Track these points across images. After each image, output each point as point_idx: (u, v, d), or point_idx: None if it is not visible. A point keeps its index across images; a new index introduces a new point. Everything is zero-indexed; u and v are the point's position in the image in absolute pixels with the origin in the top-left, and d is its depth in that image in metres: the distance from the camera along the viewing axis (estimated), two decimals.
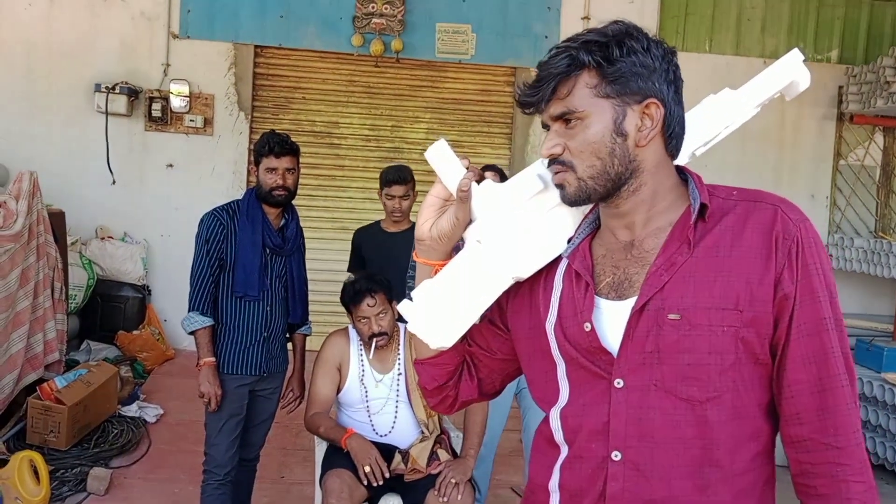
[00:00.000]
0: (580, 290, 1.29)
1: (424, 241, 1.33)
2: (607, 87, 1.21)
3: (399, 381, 3.32)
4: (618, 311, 1.25)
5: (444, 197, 1.32)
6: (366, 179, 6.53)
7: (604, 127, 1.22)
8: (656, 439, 1.21)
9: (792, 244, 1.19)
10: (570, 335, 1.28)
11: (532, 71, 6.57)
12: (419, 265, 1.38)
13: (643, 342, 1.21)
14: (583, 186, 1.24)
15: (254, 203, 3.34)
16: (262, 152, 3.31)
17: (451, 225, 1.30)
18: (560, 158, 1.25)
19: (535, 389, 1.41)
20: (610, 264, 1.30)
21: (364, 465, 3.03)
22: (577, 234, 1.35)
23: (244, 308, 3.31)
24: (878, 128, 6.86)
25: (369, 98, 6.55)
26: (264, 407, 3.49)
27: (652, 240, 1.27)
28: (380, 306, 3.23)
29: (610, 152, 1.23)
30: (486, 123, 6.63)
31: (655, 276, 1.22)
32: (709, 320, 1.18)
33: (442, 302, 1.30)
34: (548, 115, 1.26)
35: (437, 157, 1.31)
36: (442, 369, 1.46)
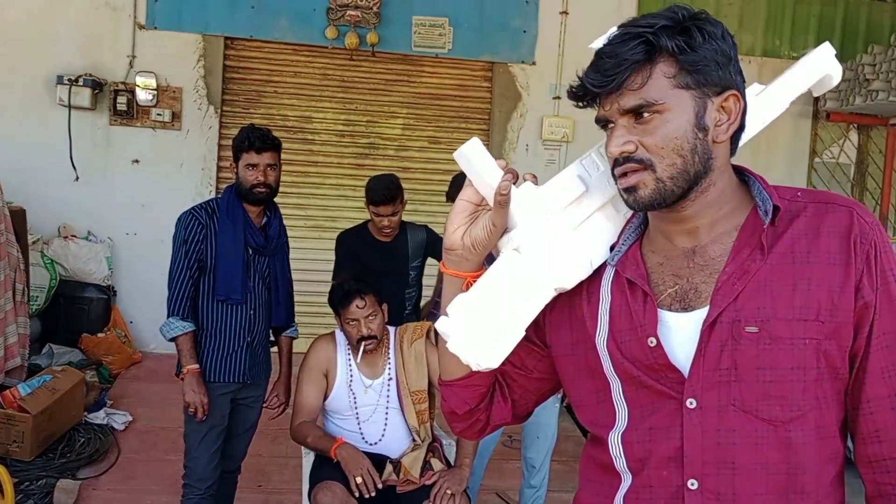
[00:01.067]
0: (637, 302, 1.18)
1: (456, 250, 1.20)
2: (687, 76, 1.10)
3: (389, 387, 3.19)
4: (685, 324, 1.14)
5: (475, 202, 1.19)
6: (340, 176, 6.37)
7: (686, 121, 1.10)
8: (737, 465, 1.11)
9: (870, 249, 1.11)
10: (628, 351, 1.17)
11: (510, 66, 6.52)
12: (447, 278, 1.25)
13: (718, 358, 1.11)
14: (661, 188, 1.12)
15: (234, 201, 3.18)
16: (241, 147, 3.15)
17: (488, 232, 1.18)
18: (635, 156, 1.11)
19: (585, 412, 1.29)
20: (670, 273, 1.19)
21: (356, 475, 2.89)
22: (621, 240, 1.24)
23: (226, 312, 3.14)
24: (852, 125, 6.88)
25: (344, 92, 6.38)
26: (247, 416, 3.33)
27: (718, 246, 1.17)
28: (369, 308, 3.10)
29: (692, 149, 1.11)
30: (464, 119, 6.51)
31: (728, 285, 1.12)
32: (790, 333, 1.08)
33: (481, 317, 1.16)
34: (615, 109, 1.11)
35: (470, 157, 1.18)
36: (473, 391, 1.33)
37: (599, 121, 1.16)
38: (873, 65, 5.80)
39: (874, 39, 6.63)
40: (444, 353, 1.27)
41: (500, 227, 1.17)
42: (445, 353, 1.25)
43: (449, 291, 1.25)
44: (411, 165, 6.39)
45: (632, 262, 1.21)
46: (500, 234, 1.19)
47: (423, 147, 6.47)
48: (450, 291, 1.24)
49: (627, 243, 1.23)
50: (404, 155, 6.46)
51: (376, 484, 2.90)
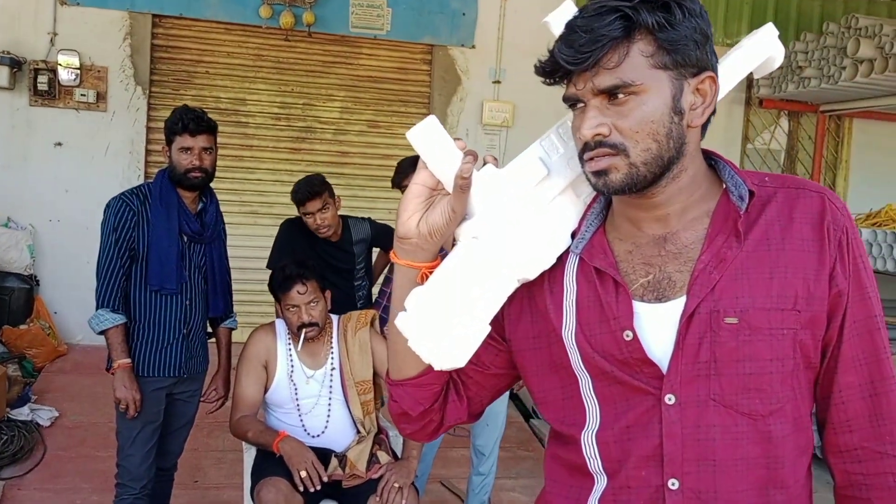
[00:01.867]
0: (608, 293, 1.12)
1: (410, 238, 1.11)
2: (665, 56, 1.03)
3: (332, 377, 3.10)
4: (660, 315, 1.09)
5: (431, 186, 1.11)
6: (276, 161, 6.20)
7: (663, 103, 1.04)
8: (717, 462, 1.07)
9: (842, 235, 1.09)
10: (600, 345, 1.11)
11: (450, 49, 6.42)
12: (399, 269, 1.16)
13: (696, 350, 1.06)
14: (634, 174, 1.06)
15: (167, 186, 3.03)
16: (174, 130, 2.99)
17: (446, 219, 1.09)
18: (607, 140, 1.05)
19: (550, 409, 1.22)
20: (640, 262, 1.13)
21: (300, 469, 2.79)
22: (583, 226, 1.18)
23: (160, 303, 2.99)
24: (783, 112, 7.01)
25: (279, 74, 6.20)
26: (183, 411, 3.19)
27: (690, 233, 1.12)
28: (311, 294, 3.00)
29: (667, 134, 1.05)
30: (403, 103, 6.39)
31: (704, 274, 1.07)
32: (769, 323, 1.05)
33: (442, 313, 1.08)
34: (588, 88, 1.04)
35: (425, 137, 1.09)
36: (427, 390, 1.23)
37: (569, 99, 1.09)
38: (806, 52, 5.90)
39: (805, 27, 6.75)
40: (395, 351, 1.20)
41: (459, 213, 1.09)
42: (397, 350, 1.19)
43: (402, 284, 1.16)
44: (350, 150, 6.26)
45: (598, 250, 1.15)
46: (458, 221, 1.11)
47: (361, 131, 6.34)
48: (402, 284, 1.16)
49: (591, 230, 1.17)
50: (342, 139, 6.31)
51: (321, 477, 2.80)
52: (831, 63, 5.62)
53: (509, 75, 6.31)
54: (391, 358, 1.23)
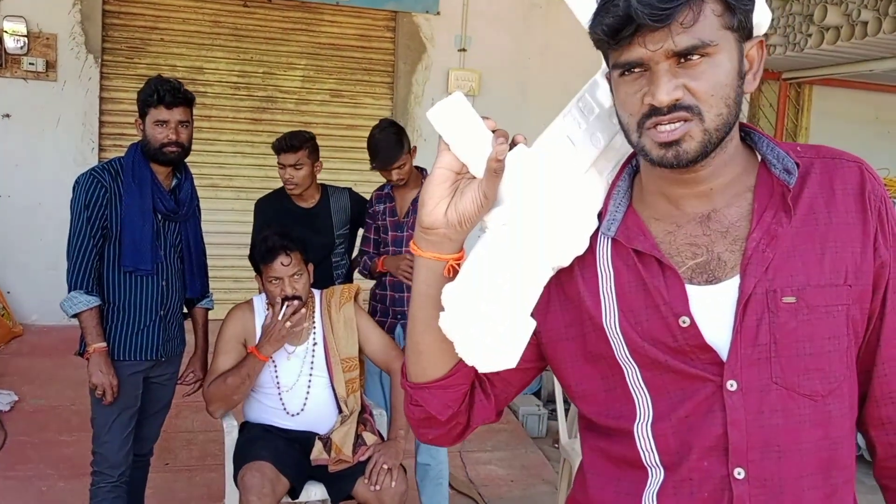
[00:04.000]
0: (655, 276, 1.06)
1: (438, 229, 1.04)
2: (732, 16, 0.98)
3: (314, 353, 3.02)
4: (714, 298, 1.04)
5: (457, 170, 1.03)
6: (236, 132, 6.01)
7: (732, 67, 0.99)
8: (782, 447, 1.03)
9: (881, 205, 1.06)
10: (651, 333, 1.05)
11: (414, 16, 6.27)
12: (422, 263, 1.08)
13: (755, 333, 1.02)
14: (707, 141, 0.99)
15: (140, 161, 2.89)
16: (149, 102, 2.85)
17: (478, 205, 1.02)
18: (682, 103, 0.97)
19: (589, 402, 1.15)
20: (684, 243, 1.08)
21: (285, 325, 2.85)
22: (610, 206, 1.11)
23: (135, 284, 2.87)
24: None
25: (237, 41, 5.99)
26: (160, 395, 3.08)
27: (734, 209, 1.07)
28: (295, 266, 2.91)
29: (736, 98, 1.00)
30: (367, 72, 6.24)
31: (758, 253, 1.03)
32: (825, 300, 1.02)
33: (484, 309, 1.01)
34: (662, 50, 0.96)
35: (450, 117, 1.01)
36: (456, 391, 1.16)
37: (628, 64, 1.00)
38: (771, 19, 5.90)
39: None
40: (420, 352, 1.13)
41: (491, 199, 1.03)
42: (421, 350, 1.13)
43: (425, 278, 1.09)
44: (312, 120, 6.09)
45: (636, 231, 1.08)
46: (490, 207, 1.04)
47: (324, 101, 6.18)
48: (426, 278, 1.09)
49: (620, 210, 1.11)
50: (304, 109, 6.15)
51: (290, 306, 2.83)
52: (797, 30, 5.64)
53: (475, 43, 6.20)
54: (413, 359, 1.15)
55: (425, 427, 1.21)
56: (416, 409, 1.18)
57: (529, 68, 6.43)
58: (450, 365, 1.12)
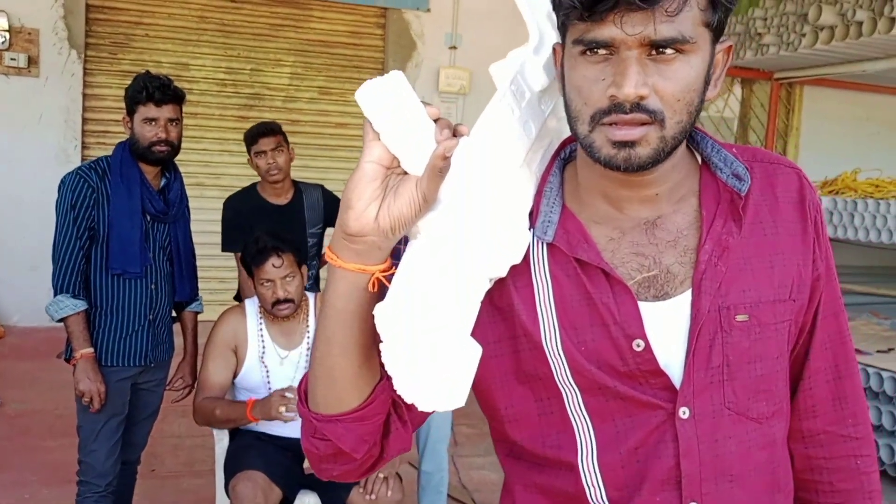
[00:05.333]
0: (601, 291, 0.94)
1: (366, 236, 0.86)
2: (712, 12, 0.86)
3: (308, 357, 2.93)
4: (664, 316, 0.95)
5: (388, 164, 0.86)
6: (222, 129, 5.92)
7: (702, 70, 0.88)
8: (734, 475, 0.96)
9: (817, 215, 1.01)
10: (598, 354, 0.94)
11: (404, 13, 6.19)
12: (340, 275, 0.89)
13: (709, 354, 0.94)
14: (661, 149, 0.88)
15: (128, 160, 2.79)
16: (137, 99, 2.76)
17: (416, 209, 0.86)
18: (646, 104, 0.85)
19: (521, 429, 1.01)
20: (629, 252, 0.96)
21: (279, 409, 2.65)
22: (543, 206, 0.98)
23: (124, 287, 2.77)
24: (736, 80, 7.01)
25: (224, 37, 5.89)
26: (149, 401, 2.99)
27: (680, 216, 0.98)
28: (287, 268, 2.82)
29: (698, 106, 0.89)
30: (356, 69, 6.17)
31: (711, 268, 0.94)
32: (774, 317, 0.96)
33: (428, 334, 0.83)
34: (638, 36, 0.83)
35: (384, 99, 0.83)
36: (374, 422, 0.97)
37: (597, 43, 0.85)
38: (764, 18, 5.86)
39: None
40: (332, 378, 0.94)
41: (431, 201, 0.86)
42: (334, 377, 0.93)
43: (344, 291, 0.90)
44: (300, 118, 6.02)
45: (578, 237, 0.96)
46: (428, 210, 0.87)
47: (312, 98, 6.11)
48: (346, 291, 0.90)
49: (555, 210, 0.98)
50: (292, 107, 6.07)
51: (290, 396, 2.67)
52: (791, 30, 5.60)
53: (466, 41, 6.14)
54: (324, 387, 0.95)
55: (331, 463, 1.00)
56: (323, 443, 0.98)
57: None
58: (367, 392, 0.95)
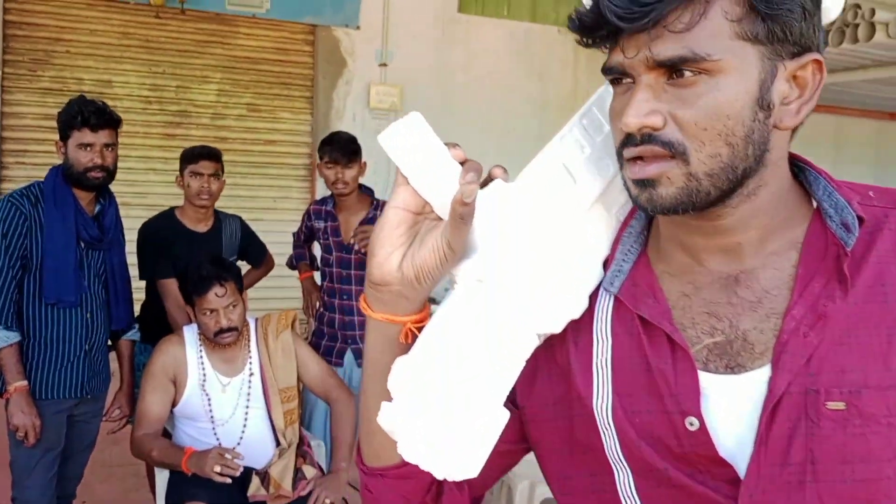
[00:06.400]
0: (661, 355, 0.82)
1: (391, 285, 0.80)
2: (758, 23, 0.73)
3: (251, 384, 2.91)
4: (733, 393, 0.79)
5: (415, 210, 0.80)
6: (148, 147, 5.77)
7: (745, 91, 0.74)
8: None
9: None
10: (651, 429, 0.81)
11: (333, 29, 6.18)
12: (373, 324, 0.85)
13: (787, 447, 0.76)
14: (692, 189, 0.76)
15: (62, 186, 2.74)
16: (72, 124, 2.72)
17: (440, 257, 0.78)
18: (660, 136, 0.75)
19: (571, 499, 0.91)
20: (701, 311, 0.83)
21: (214, 469, 2.55)
22: (618, 254, 0.88)
23: (58, 317, 2.72)
24: None
25: (148, 53, 5.76)
26: (85, 433, 2.94)
27: (771, 272, 0.81)
28: (230, 297, 2.80)
29: (746, 136, 0.75)
30: (285, 86, 6.10)
31: (797, 338, 0.77)
32: (888, 408, 0.74)
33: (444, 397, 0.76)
34: (641, 57, 0.74)
35: (405, 141, 0.78)
36: (417, 482, 0.90)
37: (611, 71, 0.78)
38: None
39: None
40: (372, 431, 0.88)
41: (457, 249, 0.78)
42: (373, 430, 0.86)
43: (376, 343, 0.85)
44: (229, 135, 5.92)
45: (644, 291, 0.85)
46: (457, 259, 0.80)
47: (241, 115, 6.01)
48: (378, 343, 0.85)
49: (629, 259, 0.88)
50: (220, 124, 5.96)
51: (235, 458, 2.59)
52: None
53: (396, 58, 6.16)
54: (366, 439, 0.92)
55: None
56: (370, 495, 0.94)
57: (452, 83, 6.44)
58: None
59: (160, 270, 3.29)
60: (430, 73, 6.30)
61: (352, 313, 3.47)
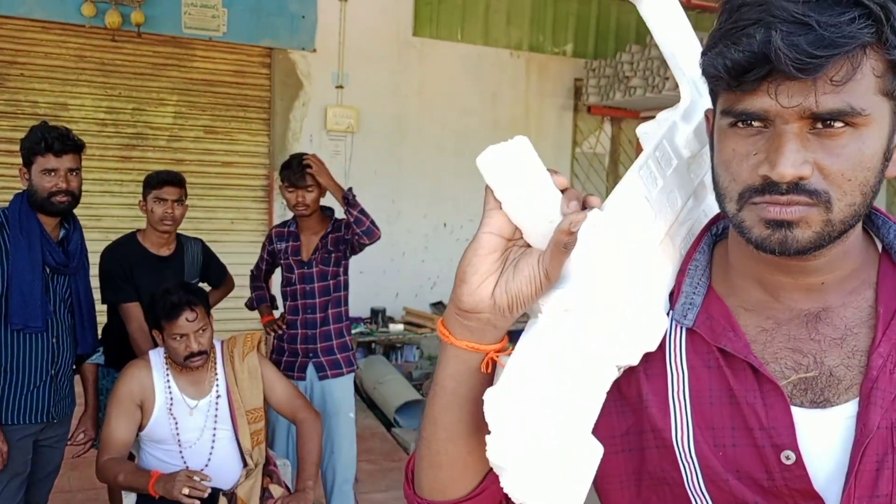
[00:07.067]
0: (748, 389, 0.83)
1: (481, 313, 0.80)
2: (894, 80, 0.75)
3: (218, 406, 2.94)
4: (822, 427, 0.81)
5: (508, 236, 0.79)
6: (104, 170, 5.75)
7: (880, 145, 0.77)
8: None
9: None
10: (738, 463, 0.82)
11: (290, 52, 6.24)
12: (452, 353, 0.83)
13: (874, 481, 0.79)
14: (826, 233, 0.77)
15: (27, 212, 2.75)
16: (35, 150, 2.74)
17: (538, 287, 0.78)
18: (806, 185, 0.75)
19: None
20: (784, 347, 0.84)
21: (182, 491, 2.56)
22: (685, 286, 0.90)
23: (24, 343, 2.72)
24: (606, 118, 7.44)
25: (104, 77, 5.75)
26: (50, 458, 2.93)
27: (850, 311, 0.84)
28: (200, 321, 2.83)
29: (875, 185, 0.78)
30: (242, 108, 6.13)
31: (885, 373, 0.80)
32: None
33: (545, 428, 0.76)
34: (797, 108, 0.73)
35: (508, 166, 0.77)
36: None
37: (748, 115, 0.77)
38: (631, 63, 6.29)
39: (622, 36, 7.20)
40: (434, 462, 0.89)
41: (554, 279, 0.79)
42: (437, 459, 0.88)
43: (455, 372, 0.84)
44: (186, 157, 5.94)
45: (723, 325, 0.86)
46: (550, 288, 0.80)
47: (198, 137, 6.03)
48: (457, 372, 0.84)
49: (699, 292, 0.89)
50: (177, 146, 5.97)
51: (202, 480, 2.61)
52: (655, 73, 6.03)
53: (352, 80, 6.24)
54: (431, 473, 0.90)
55: None
56: None
57: (406, 105, 6.54)
58: (476, 481, 0.89)
59: (123, 295, 3.30)
60: (385, 95, 6.40)
61: (315, 326, 3.56)
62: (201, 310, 2.84)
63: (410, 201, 6.64)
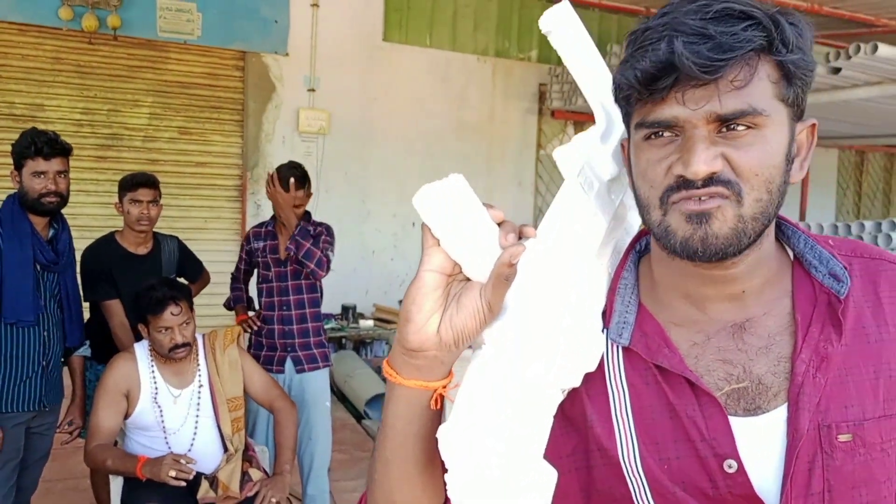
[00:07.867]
0: (687, 403, 0.86)
1: (427, 351, 0.81)
2: (787, 87, 0.81)
3: (200, 394, 3.12)
4: (757, 434, 0.85)
5: (448, 273, 0.81)
6: (80, 170, 5.83)
7: (781, 145, 0.82)
8: None
9: None
10: (683, 474, 0.85)
11: (263, 56, 6.40)
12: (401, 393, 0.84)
13: (808, 479, 0.83)
14: (741, 230, 0.81)
15: (18, 213, 2.91)
16: (25, 154, 2.90)
17: (482, 320, 0.80)
18: (719, 176, 0.80)
19: None
20: (714, 358, 0.88)
21: (169, 474, 2.75)
22: (617, 305, 0.92)
23: (17, 335, 2.88)
24: (569, 122, 7.69)
25: (80, 78, 5.87)
26: (40, 445, 3.08)
27: (772, 320, 0.89)
28: (184, 315, 3.01)
29: (780, 185, 0.82)
30: (216, 109, 6.29)
31: (809, 379, 0.84)
32: (881, 436, 0.85)
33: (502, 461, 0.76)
34: (703, 112, 0.79)
35: (444, 204, 0.79)
36: None
37: (660, 124, 0.81)
38: None
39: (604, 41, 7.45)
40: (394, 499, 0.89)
41: (496, 311, 0.80)
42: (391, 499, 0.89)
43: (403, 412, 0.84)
44: (160, 157, 6.08)
45: (658, 342, 0.89)
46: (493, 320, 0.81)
47: (172, 138, 6.17)
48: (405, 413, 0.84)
49: (631, 311, 0.92)
50: (152, 147, 6.11)
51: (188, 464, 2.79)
52: None
53: (324, 83, 6.41)
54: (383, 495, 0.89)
55: None
56: None
57: (376, 108, 6.73)
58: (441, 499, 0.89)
59: (103, 293, 3.46)
60: (356, 98, 6.59)
61: (291, 322, 3.74)
62: (185, 304, 3.02)
63: (380, 201, 6.82)
